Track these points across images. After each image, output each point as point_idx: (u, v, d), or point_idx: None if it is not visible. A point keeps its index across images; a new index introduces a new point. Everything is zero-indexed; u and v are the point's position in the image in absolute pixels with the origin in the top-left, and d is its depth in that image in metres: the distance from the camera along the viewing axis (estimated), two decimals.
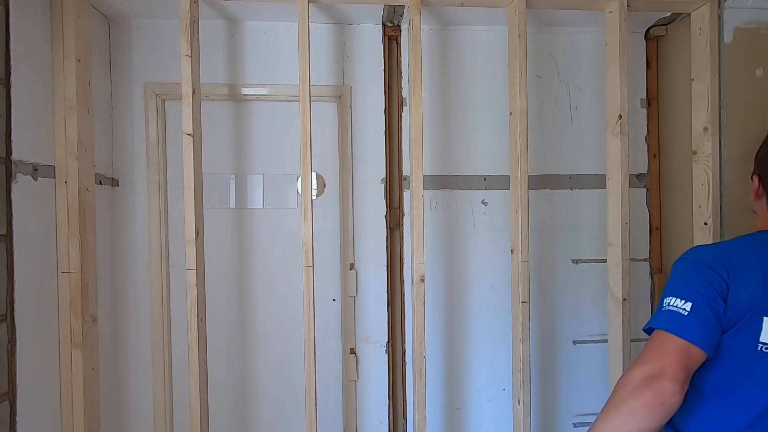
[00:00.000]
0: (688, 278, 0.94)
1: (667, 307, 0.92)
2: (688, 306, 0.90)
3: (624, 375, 0.91)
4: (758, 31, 1.58)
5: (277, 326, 1.80)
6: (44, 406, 1.36)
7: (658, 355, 0.88)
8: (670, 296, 0.94)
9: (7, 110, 1.25)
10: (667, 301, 0.93)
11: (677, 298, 0.92)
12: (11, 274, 1.24)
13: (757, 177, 1.07)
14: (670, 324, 0.90)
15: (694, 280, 0.93)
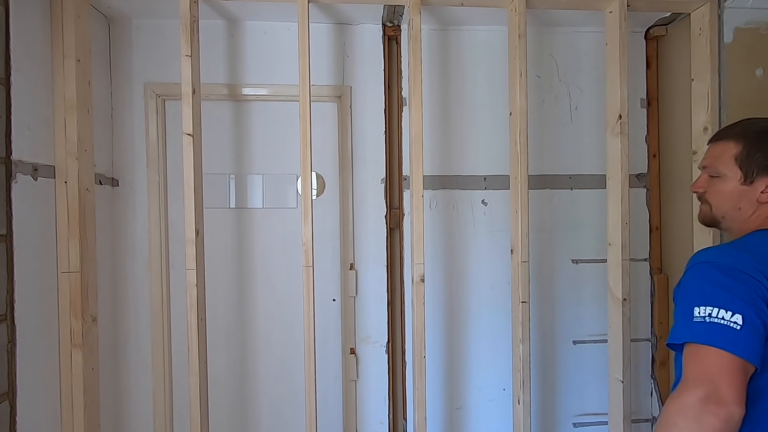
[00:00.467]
0: (727, 286, 0.86)
1: (712, 319, 0.84)
2: (738, 319, 0.82)
3: (676, 400, 0.82)
4: (758, 31, 1.58)
5: (277, 326, 1.80)
6: (44, 406, 1.36)
7: (713, 375, 0.80)
8: (711, 306, 0.84)
9: (7, 110, 1.25)
10: (708, 312, 0.84)
11: (722, 309, 0.83)
12: (11, 274, 1.24)
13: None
14: (722, 340, 0.82)
15: (737, 289, 0.85)
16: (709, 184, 1.04)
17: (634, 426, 1.85)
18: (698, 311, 0.86)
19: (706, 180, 1.05)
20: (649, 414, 1.90)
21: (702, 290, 0.88)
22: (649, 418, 1.89)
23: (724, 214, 1.02)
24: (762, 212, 0.98)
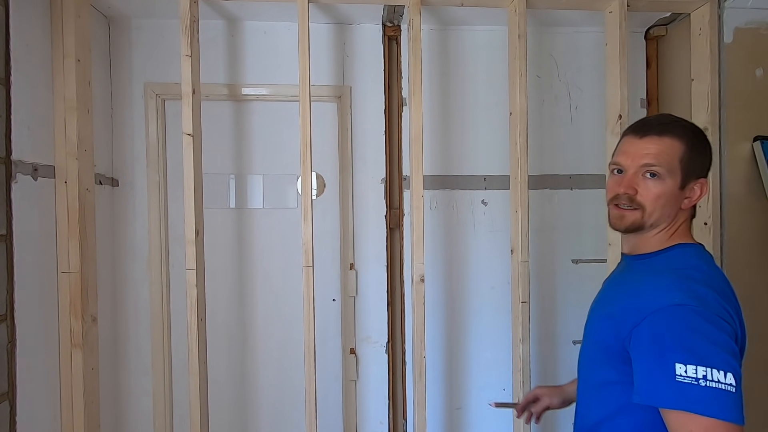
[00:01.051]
0: (715, 339, 0.76)
1: (708, 383, 0.73)
2: (732, 380, 0.74)
3: None
4: (758, 31, 1.58)
5: (277, 326, 1.80)
6: (44, 406, 1.35)
7: None
8: (704, 366, 0.73)
9: (7, 110, 1.25)
10: (703, 374, 0.73)
11: (715, 369, 0.73)
12: (11, 274, 1.24)
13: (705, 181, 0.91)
14: (728, 410, 0.75)
15: (723, 341, 0.76)
16: (643, 185, 0.88)
17: None
18: (685, 370, 0.73)
19: (641, 180, 0.88)
20: None
21: (687, 343, 0.75)
22: None
23: (654, 221, 0.88)
24: (680, 220, 0.91)
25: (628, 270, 0.95)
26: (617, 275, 0.99)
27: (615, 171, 0.93)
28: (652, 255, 0.91)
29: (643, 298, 0.83)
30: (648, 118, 0.95)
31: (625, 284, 0.91)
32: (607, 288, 1.00)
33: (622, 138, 0.95)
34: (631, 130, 0.92)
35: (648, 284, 0.85)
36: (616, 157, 0.93)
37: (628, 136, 0.92)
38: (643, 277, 0.88)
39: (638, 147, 0.89)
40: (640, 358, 0.80)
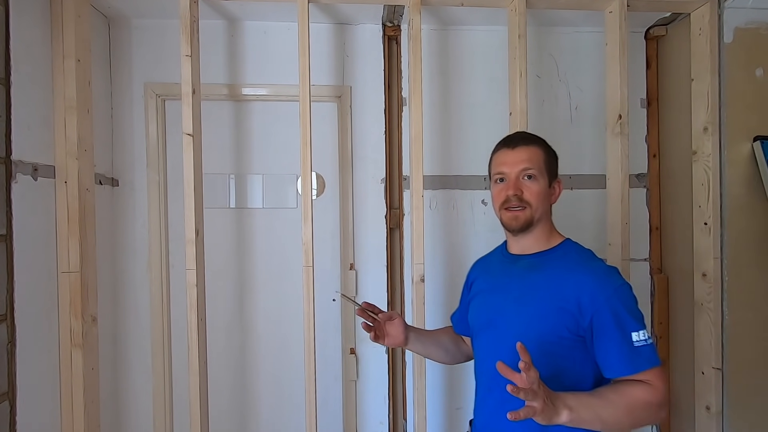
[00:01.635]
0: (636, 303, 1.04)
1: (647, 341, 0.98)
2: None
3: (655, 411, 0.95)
4: (758, 31, 1.58)
5: (277, 326, 1.80)
6: (44, 406, 1.36)
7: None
8: (642, 329, 0.98)
9: (7, 110, 1.25)
10: (644, 335, 0.98)
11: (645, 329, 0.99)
12: (11, 274, 1.24)
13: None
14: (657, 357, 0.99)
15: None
16: (525, 186, 1.06)
17: None
18: (638, 336, 0.97)
19: (522, 183, 1.06)
20: None
21: (634, 313, 0.99)
22: None
23: (540, 215, 1.08)
24: (550, 217, 1.16)
25: (534, 267, 1.08)
26: (522, 272, 1.09)
27: (498, 180, 1.09)
28: (551, 251, 1.11)
29: (588, 288, 0.99)
30: (512, 135, 1.16)
31: (547, 280, 1.04)
32: (516, 284, 1.08)
33: (494, 153, 1.13)
34: (503, 144, 1.11)
35: (587, 274, 1.02)
36: (497, 168, 1.09)
37: (502, 149, 1.10)
38: (567, 271, 1.04)
39: (514, 156, 1.07)
40: (606, 338, 0.97)
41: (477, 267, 1.27)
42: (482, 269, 1.23)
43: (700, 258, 1.62)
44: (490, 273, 1.19)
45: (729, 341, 1.55)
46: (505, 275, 1.13)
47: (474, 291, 1.21)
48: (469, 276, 1.27)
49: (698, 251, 1.63)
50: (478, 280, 1.22)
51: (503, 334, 1.07)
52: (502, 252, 1.20)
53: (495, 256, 1.23)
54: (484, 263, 1.25)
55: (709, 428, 1.58)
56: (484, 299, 1.16)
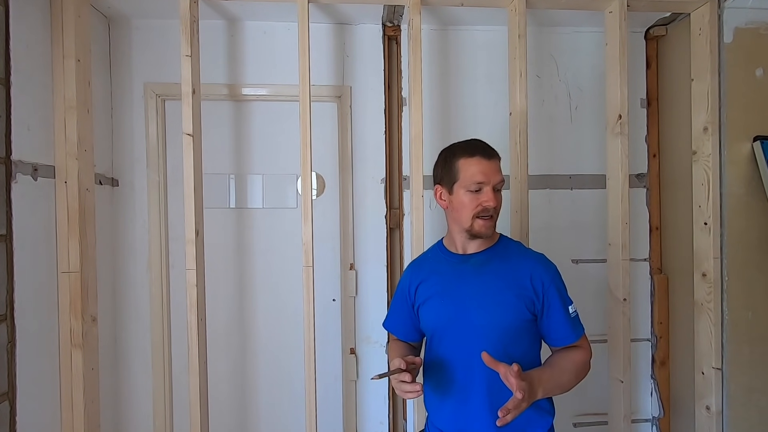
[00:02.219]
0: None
1: (576, 312, 1.16)
2: None
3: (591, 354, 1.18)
4: (758, 31, 1.58)
5: (277, 326, 1.80)
6: (44, 406, 1.36)
7: None
8: (572, 303, 1.16)
9: (7, 110, 1.25)
10: (574, 308, 1.16)
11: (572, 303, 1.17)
12: (11, 274, 1.24)
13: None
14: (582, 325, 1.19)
15: None
16: (497, 197, 1.14)
17: (634, 426, 1.86)
18: (572, 309, 1.15)
19: (495, 194, 1.13)
20: (649, 414, 1.90)
21: (565, 290, 1.17)
22: (649, 418, 1.89)
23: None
24: None
25: (486, 263, 1.16)
26: (476, 269, 1.16)
27: (474, 189, 1.12)
28: (496, 246, 1.20)
29: (537, 272, 1.14)
30: (482, 143, 1.16)
31: (502, 272, 1.15)
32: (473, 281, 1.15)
33: (465, 158, 1.13)
34: (477, 152, 1.13)
35: (533, 260, 1.16)
36: (476, 176, 1.11)
37: (477, 157, 1.12)
38: (515, 260, 1.16)
39: (491, 167, 1.12)
40: (554, 313, 1.14)
41: (416, 271, 1.25)
42: (426, 272, 1.22)
43: (700, 258, 1.62)
44: (440, 275, 1.20)
45: (729, 341, 1.55)
46: (459, 275, 1.17)
47: (424, 295, 1.20)
48: (408, 281, 1.25)
49: (698, 251, 1.63)
50: (425, 284, 1.21)
51: (471, 331, 1.12)
52: (445, 253, 1.22)
53: (435, 258, 1.24)
54: (423, 267, 1.25)
55: (709, 428, 1.58)
56: (441, 301, 1.17)
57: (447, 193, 1.17)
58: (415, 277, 1.24)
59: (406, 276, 1.28)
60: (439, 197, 1.19)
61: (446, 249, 1.23)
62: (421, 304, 1.21)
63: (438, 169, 1.20)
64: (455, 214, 1.16)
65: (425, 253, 1.32)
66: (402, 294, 1.27)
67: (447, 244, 1.24)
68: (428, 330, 1.21)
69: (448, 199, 1.17)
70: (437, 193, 1.20)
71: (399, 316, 1.29)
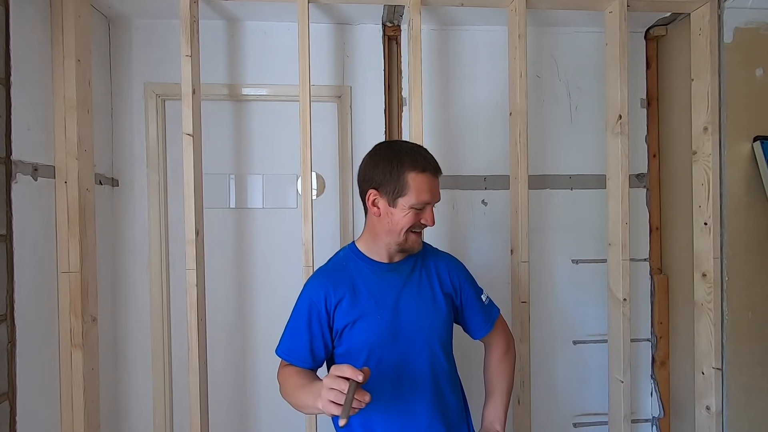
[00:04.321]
0: None
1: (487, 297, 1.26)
2: None
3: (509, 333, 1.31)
4: (758, 31, 1.58)
5: (277, 326, 1.78)
6: (44, 406, 1.35)
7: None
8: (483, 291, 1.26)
9: (7, 110, 1.25)
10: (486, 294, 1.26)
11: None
12: (11, 274, 1.24)
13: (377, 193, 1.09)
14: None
15: None
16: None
17: (634, 426, 1.86)
18: (483, 296, 1.25)
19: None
20: (649, 414, 1.90)
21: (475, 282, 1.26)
22: (649, 418, 1.89)
23: None
24: None
25: (412, 269, 1.16)
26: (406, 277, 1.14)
27: (418, 207, 1.07)
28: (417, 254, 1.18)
29: (453, 269, 1.20)
30: (430, 155, 1.10)
31: (426, 275, 1.16)
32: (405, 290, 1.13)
33: (419, 174, 1.05)
34: (430, 170, 1.07)
35: (447, 259, 1.22)
36: (424, 195, 1.06)
37: (428, 174, 1.06)
38: (433, 261, 1.19)
39: (436, 185, 1.09)
40: (472, 304, 1.21)
41: (329, 286, 1.10)
42: (346, 287, 1.10)
43: (700, 258, 1.62)
44: (368, 288, 1.10)
45: (729, 341, 1.55)
46: (390, 285, 1.11)
47: (353, 313, 1.08)
48: (320, 298, 1.10)
49: (698, 251, 1.63)
50: (350, 300, 1.09)
51: (414, 341, 1.10)
52: (367, 262, 1.13)
53: (356, 269, 1.13)
54: (341, 281, 1.11)
55: (709, 428, 1.58)
56: (379, 316, 1.08)
57: (386, 203, 1.07)
58: (330, 293, 1.09)
59: (314, 292, 1.11)
60: (372, 203, 1.09)
61: (367, 257, 1.13)
62: (349, 324, 1.08)
63: (375, 173, 1.07)
64: (390, 226, 1.08)
65: (334, 263, 1.17)
66: (310, 314, 1.11)
67: (367, 251, 1.14)
68: (361, 349, 1.09)
69: (384, 209, 1.07)
70: (370, 198, 1.08)
71: (304, 339, 1.12)
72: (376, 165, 1.08)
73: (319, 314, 1.10)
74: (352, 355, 1.10)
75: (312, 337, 1.12)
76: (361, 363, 1.08)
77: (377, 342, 1.08)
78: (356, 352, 1.09)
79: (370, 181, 1.08)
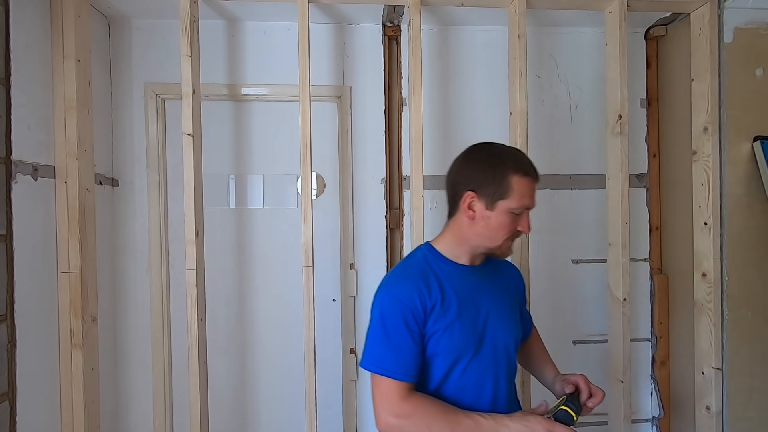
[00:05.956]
0: None
1: None
2: None
3: None
4: (758, 31, 1.58)
5: (277, 326, 1.80)
6: (44, 406, 1.35)
7: None
8: None
9: (7, 110, 1.25)
10: None
11: None
12: (11, 274, 1.24)
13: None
14: None
15: None
16: None
17: (634, 426, 1.86)
18: None
19: None
20: (649, 414, 1.90)
21: None
22: (649, 418, 1.89)
23: None
24: None
25: (489, 274, 1.12)
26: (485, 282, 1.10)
27: (517, 212, 1.02)
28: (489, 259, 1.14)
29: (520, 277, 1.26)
30: (529, 161, 1.05)
31: (502, 282, 1.16)
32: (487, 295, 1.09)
33: (523, 177, 1.01)
34: (532, 173, 1.03)
35: (512, 268, 1.25)
36: (525, 200, 1.01)
37: (530, 178, 1.02)
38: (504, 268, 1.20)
39: (534, 191, 1.04)
40: (524, 310, 1.27)
41: (424, 290, 1.00)
42: (437, 290, 1.01)
43: (700, 258, 1.62)
44: (455, 291, 1.03)
45: (729, 341, 1.55)
46: (472, 289, 1.06)
47: (444, 319, 1.00)
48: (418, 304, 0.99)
49: (698, 251, 1.63)
50: (442, 304, 1.01)
51: (495, 348, 1.05)
52: (450, 265, 1.06)
53: (441, 271, 1.05)
54: (432, 284, 1.02)
55: (709, 428, 1.58)
56: (463, 322, 1.02)
57: (483, 206, 1.01)
58: (425, 295, 1.00)
59: (406, 295, 0.99)
60: (468, 206, 1.02)
61: (448, 259, 1.07)
62: (440, 330, 1.00)
63: (474, 175, 1.02)
64: (486, 231, 1.02)
65: (416, 264, 1.07)
66: (406, 320, 0.98)
67: (448, 253, 1.07)
68: (447, 356, 1.01)
69: (480, 213, 1.01)
70: (467, 200, 1.01)
71: (412, 351, 0.98)
72: (475, 167, 1.03)
73: (416, 319, 0.99)
74: (436, 361, 1.02)
75: (416, 346, 0.99)
76: (446, 370, 1.02)
77: (465, 349, 1.02)
78: (442, 359, 1.01)
79: (467, 183, 1.02)
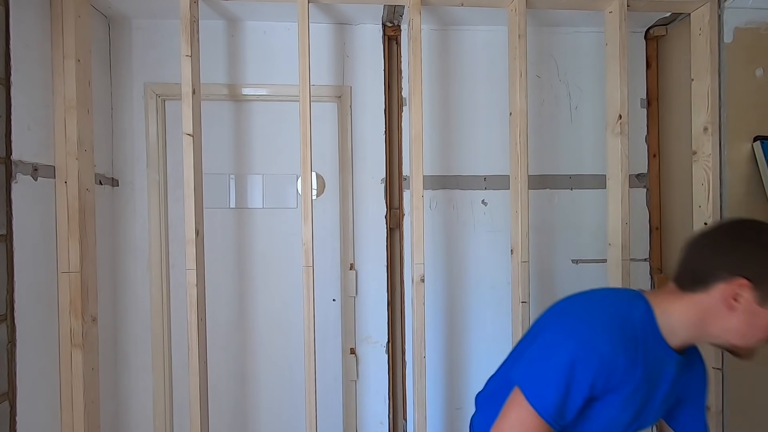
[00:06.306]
0: None
1: None
2: None
3: None
4: (758, 31, 1.58)
5: (277, 326, 1.80)
6: (44, 406, 1.35)
7: None
8: None
9: (7, 110, 1.25)
10: None
11: None
12: (11, 274, 1.24)
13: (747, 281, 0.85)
14: None
15: None
16: None
17: None
18: None
19: None
20: None
21: None
22: None
23: None
24: None
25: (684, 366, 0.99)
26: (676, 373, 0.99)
27: None
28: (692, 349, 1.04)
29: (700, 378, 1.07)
30: None
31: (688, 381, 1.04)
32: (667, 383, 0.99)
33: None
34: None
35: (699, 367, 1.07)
36: None
37: None
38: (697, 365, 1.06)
39: None
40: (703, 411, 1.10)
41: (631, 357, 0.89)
42: (635, 361, 0.90)
43: None
44: (647, 367, 0.92)
45: None
46: (662, 374, 0.95)
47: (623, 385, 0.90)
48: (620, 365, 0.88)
49: None
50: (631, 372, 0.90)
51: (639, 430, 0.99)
52: (662, 347, 0.94)
53: (652, 347, 0.93)
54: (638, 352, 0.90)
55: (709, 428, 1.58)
56: (633, 398, 0.92)
57: (755, 301, 0.84)
58: (629, 373, 0.89)
59: (616, 365, 0.88)
60: (734, 297, 0.85)
61: (664, 340, 0.93)
62: (607, 392, 0.90)
63: (753, 261, 0.86)
64: (744, 328, 0.87)
65: (634, 329, 0.92)
66: (596, 387, 0.89)
67: (665, 329, 0.93)
68: (609, 421, 0.94)
69: (748, 306, 0.85)
70: (734, 288, 0.85)
71: (576, 409, 0.90)
72: (756, 251, 0.87)
73: (603, 385, 0.89)
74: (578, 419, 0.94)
75: (583, 403, 0.91)
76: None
77: (613, 425, 0.95)
78: (583, 419, 0.93)
79: (740, 268, 0.86)
